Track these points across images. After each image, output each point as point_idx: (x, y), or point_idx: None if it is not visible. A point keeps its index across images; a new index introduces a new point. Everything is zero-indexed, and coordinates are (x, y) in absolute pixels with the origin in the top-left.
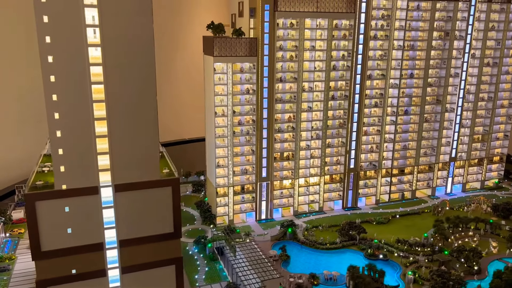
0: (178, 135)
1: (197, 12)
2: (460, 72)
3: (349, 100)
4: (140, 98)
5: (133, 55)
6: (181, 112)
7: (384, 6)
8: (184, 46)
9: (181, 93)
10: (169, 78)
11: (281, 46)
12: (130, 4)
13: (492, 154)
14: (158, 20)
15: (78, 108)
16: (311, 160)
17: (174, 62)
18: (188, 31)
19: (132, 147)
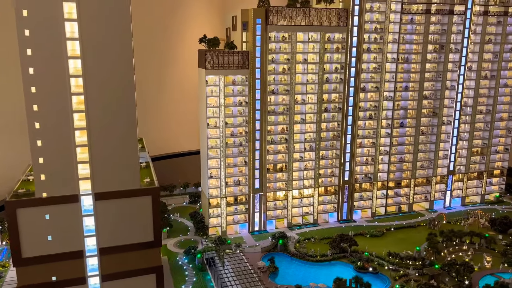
0: (177, 147)
1: (193, 27)
2: (456, 85)
3: (342, 113)
4: (120, 108)
5: (112, 66)
6: (180, 125)
7: (377, 20)
8: (183, 61)
9: (179, 106)
10: (166, 92)
11: (273, 59)
12: (110, 18)
13: (492, 168)
14: (153, 35)
15: (59, 118)
16: (304, 172)
17: (171, 76)
18: (185, 45)
19: (112, 156)
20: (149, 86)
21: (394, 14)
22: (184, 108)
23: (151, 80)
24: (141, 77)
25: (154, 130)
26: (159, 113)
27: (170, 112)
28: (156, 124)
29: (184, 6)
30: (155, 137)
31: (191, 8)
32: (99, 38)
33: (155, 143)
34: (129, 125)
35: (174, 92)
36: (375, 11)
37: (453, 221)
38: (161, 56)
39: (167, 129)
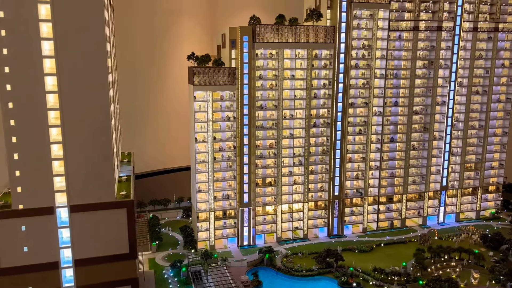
0: (172, 163)
1: (184, 43)
2: (447, 100)
3: (331, 128)
4: (95, 123)
5: (88, 83)
6: (175, 141)
7: (365, 36)
8: (176, 77)
9: (174, 122)
10: (161, 108)
11: (261, 75)
12: (85, 37)
13: (487, 183)
14: (145, 52)
15: (35, 132)
16: (294, 186)
17: (165, 92)
18: (177, 62)
19: (88, 169)
20: (145, 103)
21: (381, 31)
22: (178, 123)
23: (146, 97)
24: (135, 93)
25: (150, 145)
26: (155, 129)
27: (166, 128)
28: (152, 140)
29: (175, 24)
30: (151, 153)
31: (183, 25)
32: (74, 55)
33: (151, 158)
34: (104, 140)
35: (169, 108)
36: (362, 28)
37: (445, 237)
38: (154, 73)
39: (163, 144)
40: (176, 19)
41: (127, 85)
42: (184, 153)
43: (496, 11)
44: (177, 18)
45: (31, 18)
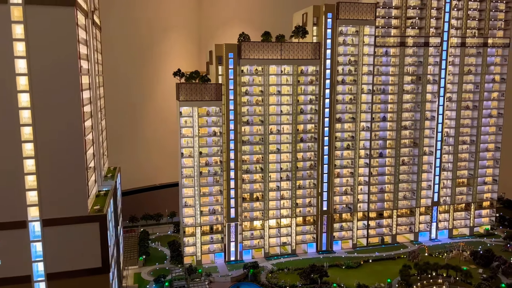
0: (165, 178)
1: (173, 59)
2: (436, 115)
3: (318, 143)
4: (68, 139)
5: (60, 100)
6: (169, 156)
7: (351, 52)
8: (166, 94)
9: (165, 138)
10: (154, 124)
11: (247, 91)
12: (58, 55)
13: (481, 199)
14: (133, 69)
15: (9, 147)
16: (281, 201)
17: (157, 109)
18: (166, 78)
19: (60, 184)
20: (136, 119)
21: (367, 47)
22: (172, 139)
23: (137, 113)
24: (125, 110)
25: (144, 161)
26: (149, 144)
27: (160, 143)
28: (147, 155)
29: (164, 40)
30: (145, 168)
31: (172, 41)
32: (47, 73)
33: (144, 173)
34: (77, 155)
35: (161, 123)
36: (348, 44)
37: (435, 253)
38: (143, 90)
39: (157, 160)
40: (165, 36)
41: (116, 101)
42: (177, 168)
43: (484, 27)
44: (166, 35)
45: (5, 37)
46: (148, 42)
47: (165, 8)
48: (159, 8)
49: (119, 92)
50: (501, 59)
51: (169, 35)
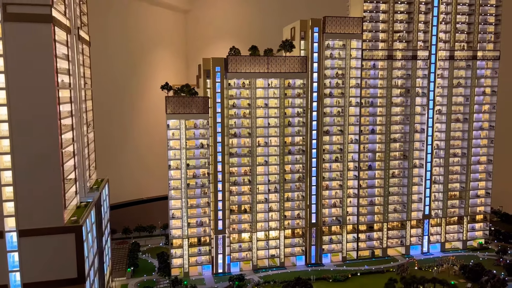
0: (157, 191)
1: (162, 73)
2: (426, 128)
3: (306, 155)
4: (44, 150)
5: (36, 113)
6: (163, 168)
7: (339, 66)
8: (155, 107)
9: (157, 151)
10: (146, 136)
11: (234, 104)
12: (34, 72)
13: (474, 213)
14: (122, 83)
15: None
16: (270, 213)
17: (148, 122)
18: (156, 92)
19: (37, 195)
20: (129, 132)
21: (355, 60)
22: (162, 153)
23: (129, 126)
24: (117, 122)
25: (138, 173)
26: (144, 158)
27: (155, 155)
28: (141, 168)
29: (152, 53)
30: (139, 180)
31: (159, 55)
32: (24, 88)
33: (139, 185)
34: (53, 167)
35: (154, 135)
36: (335, 58)
37: (425, 267)
38: (133, 103)
39: (150, 172)
40: (153, 50)
41: (106, 114)
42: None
43: (473, 40)
44: (154, 49)
45: None
46: (136, 57)
47: (152, 23)
48: (146, 23)
49: (109, 105)
50: (491, 71)
51: (156, 49)
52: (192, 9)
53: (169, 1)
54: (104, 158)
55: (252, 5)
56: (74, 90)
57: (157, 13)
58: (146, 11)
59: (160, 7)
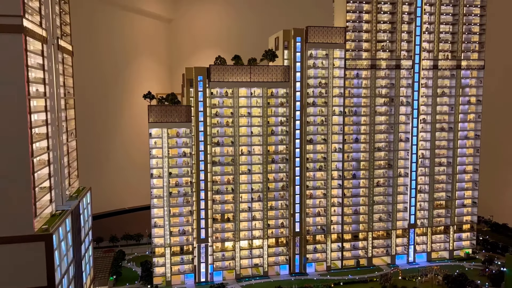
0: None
1: (144, 82)
2: (410, 137)
3: (290, 164)
4: (13, 159)
5: (6, 122)
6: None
7: (322, 75)
8: (140, 116)
9: (144, 161)
10: (131, 146)
11: (217, 113)
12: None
13: (460, 222)
14: (105, 92)
15: None
16: (253, 222)
17: (134, 131)
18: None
19: (6, 203)
20: (115, 141)
21: (338, 69)
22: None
23: (117, 136)
24: (105, 132)
25: (127, 182)
26: (129, 167)
27: (139, 166)
28: (129, 176)
29: (135, 62)
30: (128, 189)
31: (142, 63)
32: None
33: (126, 194)
34: (23, 175)
35: (138, 145)
36: (318, 67)
37: (408, 277)
38: (117, 112)
39: (138, 181)
40: (137, 58)
41: (91, 123)
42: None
43: (457, 49)
44: (137, 58)
45: None
46: (120, 65)
47: (136, 32)
48: (130, 32)
49: (94, 114)
50: (476, 81)
51: (140, 58)
52: (175, 18)
53: (152, 10)
54: (91, 167)
55: (236, 15)
56: (51, 99)
57: (141, 22)
58: (129, 20)
59: (144, 16)
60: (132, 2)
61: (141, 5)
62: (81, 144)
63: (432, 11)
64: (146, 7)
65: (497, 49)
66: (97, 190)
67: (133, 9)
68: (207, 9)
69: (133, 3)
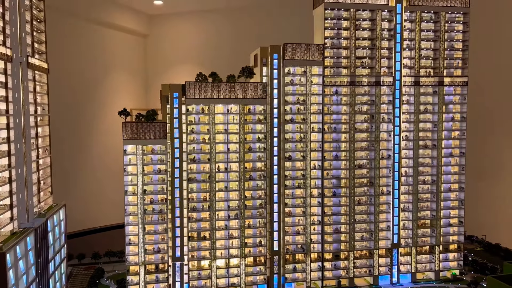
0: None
1: (119, 98)
2: (392, 154)
3: (268, 181)
4: None
5: None
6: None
7: (301, 92)
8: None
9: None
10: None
11: (194, 130)
12: None
13: (446, 242)
14: (78, 109)
15: None
16: (230, 240)
17: (111, 147)
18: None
19: None
20: (94, 159)
21: (316, 86)
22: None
23: (96, 153)
24: (86, 149)
25: (106, 200)
26: (111, 184)
27: (120, 183)
28: (108, 195)
29: (109, 77)
30: (108, 206)
31: (117, 79)
32: None
33: (108, 212)
34: None
35: (118, 164)
36: (296, 84)
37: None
38: (91, 129)
39: (120, 198)
40: (112, 73)
41: (67, 139)
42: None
43: (439, 66)
44: (113, 72)
45: None
46: (95, 81)
47: (112, 47)
48: (105, 47)
49: (67, 130)
50: (460, 97)
51: (116, 73)
52: (151, 34)
53: (128, 25)
54: (75, 183)
55: (214, 29)
56: (17, 116)
57: (116, 37)
58: (105, 36)
59: (119, 31)
60: (108, 18)
61: (117, 21)
62: (60, 160)
63: (412, 27)
64: (121, 23)
65: (480, 65)
66: (81, 206)
67: (108, 24)
68: (184, 24)
69: (109, 18)
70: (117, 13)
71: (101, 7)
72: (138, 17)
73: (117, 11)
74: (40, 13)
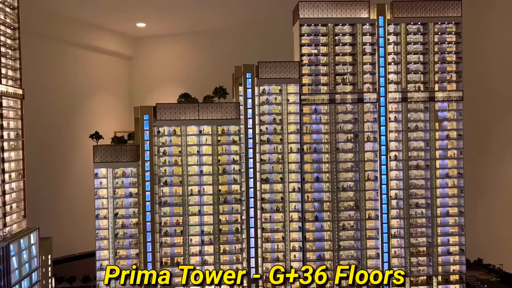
0: None
1: (102, 120)
2: (379, 176)
3: (245, 204)
4: None
5: None
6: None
7: (278, 111)
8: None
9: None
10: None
11: (165, 152)
12: None
13: (447, 272)
14: (57, 128)
15: None
16: (205, 267)
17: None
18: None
19: None
20: (76, 183)
21: (293, 105)
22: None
23: (73, 176)
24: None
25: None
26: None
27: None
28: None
29: (91, 99)
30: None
31: (99, 100)
32: None
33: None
34: None
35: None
36: (272, 103)
37: None
38: (70, 152)
39: None
40: (95, 95)
41: (43, 163)
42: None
43: (429, 80)
44: (96, 94)
45: None
46: (77, 105)
47: (95, 70)
48: (88, 69)
49: (51, 153)
50: (455, 113)
51: (99, 96)
52: (135, 56)
53: (112, 48)
54: (66, 208)
55: (198, 52)
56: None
57: (99, 60)
58: (87, 58)
59: (103, 54)
60: (91, 41)
61: (101, 44)
62: (46, 186)
63: (397, 40)
64: (105, 46)
65: (476, 78)
66: (73, 231)
67: (92, 47)
68: (169, 47)
69: (92, 41)
70: (102, 36)
71: (85, 30)
72: (122, 39)
73: (102, 34)
74: (15, 41)
